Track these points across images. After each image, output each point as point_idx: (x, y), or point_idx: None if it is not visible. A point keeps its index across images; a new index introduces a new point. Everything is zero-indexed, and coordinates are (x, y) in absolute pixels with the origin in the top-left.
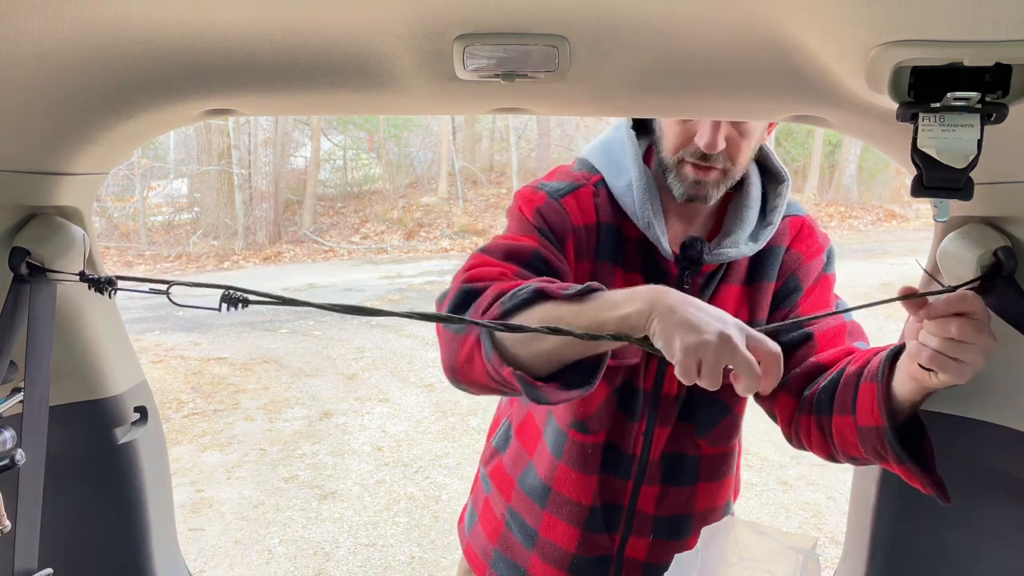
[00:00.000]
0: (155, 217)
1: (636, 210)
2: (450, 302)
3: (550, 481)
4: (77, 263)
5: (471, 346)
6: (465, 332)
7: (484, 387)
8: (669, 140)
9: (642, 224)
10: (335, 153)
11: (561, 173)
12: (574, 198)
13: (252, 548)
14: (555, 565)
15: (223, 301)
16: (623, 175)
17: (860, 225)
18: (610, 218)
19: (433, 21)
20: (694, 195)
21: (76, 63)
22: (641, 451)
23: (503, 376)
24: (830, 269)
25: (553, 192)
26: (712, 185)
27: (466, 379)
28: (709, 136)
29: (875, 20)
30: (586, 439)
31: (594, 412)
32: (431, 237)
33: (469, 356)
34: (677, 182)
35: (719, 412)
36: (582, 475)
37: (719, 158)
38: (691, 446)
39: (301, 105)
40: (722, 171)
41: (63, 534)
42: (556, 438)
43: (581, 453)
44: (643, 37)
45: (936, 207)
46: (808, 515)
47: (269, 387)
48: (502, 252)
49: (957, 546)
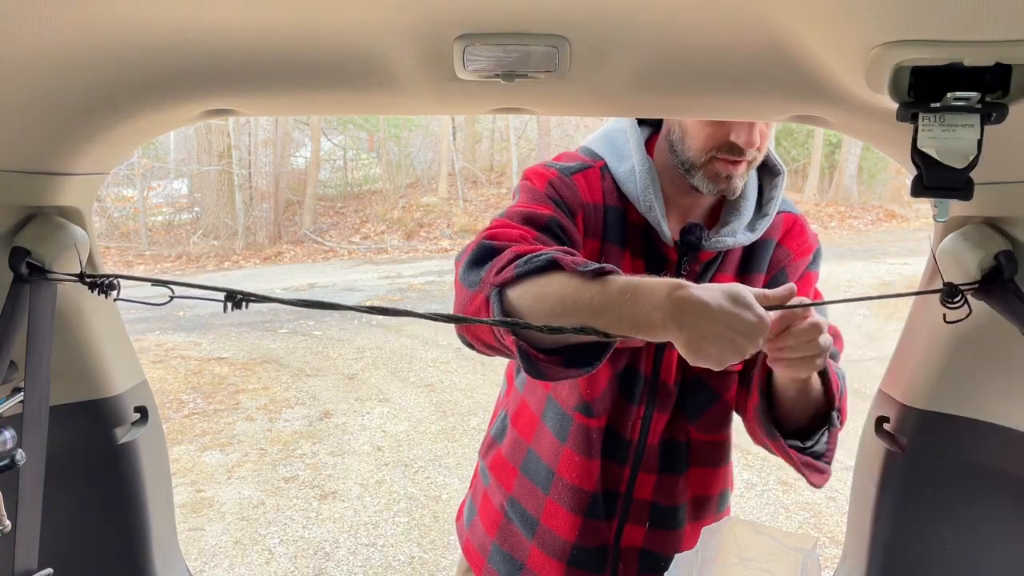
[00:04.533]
0: (155, 217)
1: (638, 194)
2: (469, 256)
3: (554, 466)
4: (77, 263)
5: (479, 305)
6: (476, 291)
7: (488, 347)
8: (698, 140)
9: (643, 208)
10: (335, 153)
11: (568, 156)
12: (583, 177)
13: (252, 548)
14: (554, 556)
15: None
16: (625, 161)
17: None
18: (616, 201)
19: (433, 21)
20: (723, 189)
21: (76, 63)
22: (639, 437)
23: (506, 344)
24: (814, 267)
25: (564, 169)
26: (739, 177)
27: (471, 336)
28: (747, 134)
29: (875, 20)
30: (591, 422)
31: (599, 395)
32: (431, 237)
33: (476, 314)
34: (706, 180)
35: (708, 398)
36: (585, 459)
37: (750, 150)
38: (682, 432)
39: (301, 105)
40: (748, 162)
41: (63, 534)
42: (560, 422)
43: (586, 437)
44: (643, 37)
45: (936, 207)
46: (808, 515)
47: (269, 387)
48: (520, 217)
49: (957, 546)
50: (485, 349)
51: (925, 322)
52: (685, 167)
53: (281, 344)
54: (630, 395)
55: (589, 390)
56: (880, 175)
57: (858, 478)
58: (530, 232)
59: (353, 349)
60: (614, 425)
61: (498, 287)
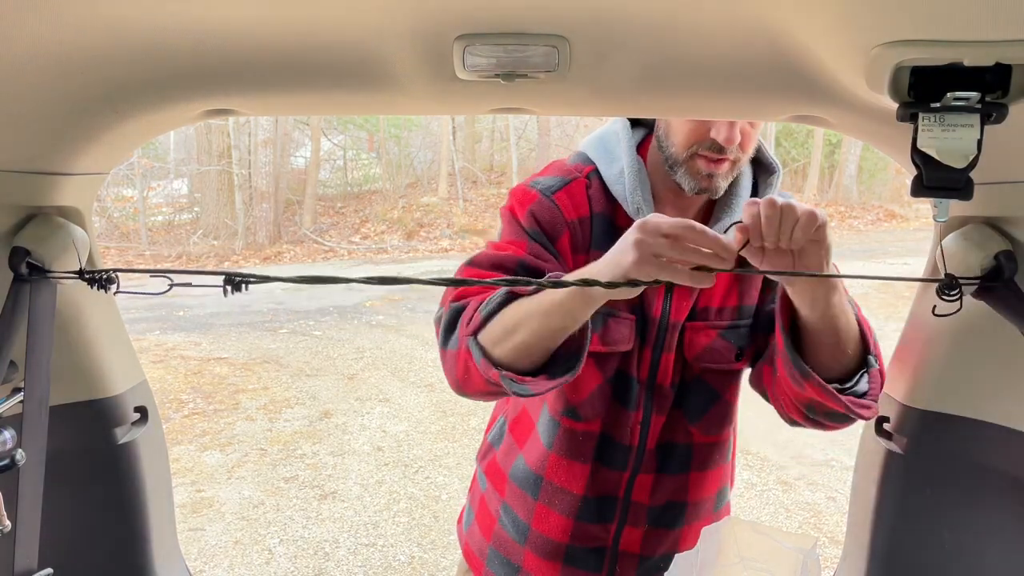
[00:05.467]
0: (155, 217)
1: (627, 195)
2: (443, 324)
3: (540, 471)
4: (77, 263)
5: (464, 358)
6: (457, 348)
7: (486, 393)
8: (680, 136)
9: (631, 209)
10: (335, 153)
11: (554, 168)
12: (566, 193)
13: (252, 548)
14: (548, 558)
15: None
16: (616, 163)
17: (860, 225)
18: (603, 208)
19: (433, 21)
20: (705, 188)
21: (76, 63)
22: (638, 441)
23: (493, 378)
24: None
25: (545, 190)
26: (722, 176)
27: (470, 390)
28: (727, 131)
29: (875, 20)
30: (577, 426)
31: (586, 399)
32: (431, 237)
33: (465, 367)
34: (688, 176)
35: (709, 398)
36: (573, 463)
37: (732, 149)
38: (682, 434)
39: (301, 105)
40: (732, 162)
41: (63, 534)
42: (548, 427)
43: (572, 441)
44: (643, 37)
45: (936, 207)
46: (808, 515)
47: (269, 387)
48: (488, 263)
49: (957, 546)
50: (484, 397)
51: (925, 322)
52: (669, 163)
53: (281, 344)
54: (625, 400)
55: (574, 394)
56: (880, 175)
57: (858, 478)
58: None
59: (353, 349)
60: (610, 432)
61: (472, 336)
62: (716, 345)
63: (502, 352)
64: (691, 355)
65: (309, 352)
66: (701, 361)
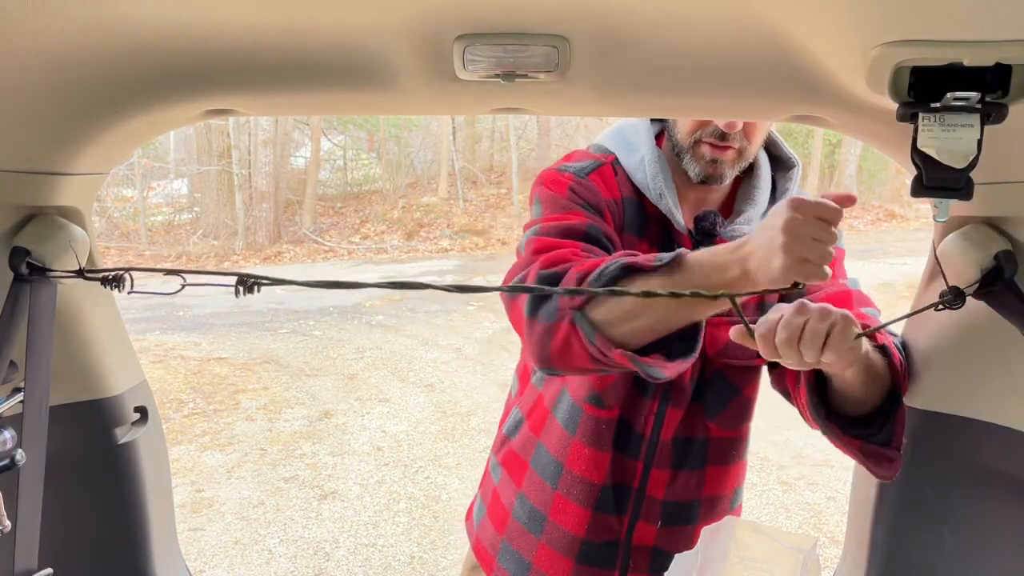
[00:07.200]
0: (155, 217)
1: (648, 183)
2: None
3: (562, 458)
4: (77, 263)
5: (566, 333)
6: (556, 320)
7: (584, 370)
8: (685, 122)
9: (654, 196)
10: (335, 153)
11: (579, 155)
12: (599, 175)
13: (252, 548)
14: (562, 552)
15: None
16: (635, 153)
17: (860, 225)
18: (631, 193)
19: (433, 21)
20: (710, 174)
21: (76, 63)
22: (651, 431)
23: (611, 357)
24: (839, 243)
25: (578, 171)
26: (728, 164)
27: (564, 366)
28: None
29: (875, 20)
30: (601, 414)
31: (610, 385)
32: (431, 237)
33: (565, 342)
34: (693, 162)
35: (728, 393)
36: (595, 451)
37: (736, 137)
38: (700, 428)
39: (301, 105)
40: (737, 151)
41: (63, 534)
42: (570, 414)
43: (596, 428)
44: (643, 37)
45: (936, 207)
46: (808, 515)
47: (269, 387)
48: (558, 232)
49: (957, 546)
50: (577, 373)
51: (925, 322)
52: (676, 151)
53: (281, 344)
54: (643, 388)
55: (600, 380)
56: (880, 175)
57: (858, 478)
58: (574, 245)
59: (353, 349)
60: (627, 417)
61: (579, 310)
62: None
63: (622, 332)
64: (712, 351)
65: (309, 352)
66: (722, 356)
